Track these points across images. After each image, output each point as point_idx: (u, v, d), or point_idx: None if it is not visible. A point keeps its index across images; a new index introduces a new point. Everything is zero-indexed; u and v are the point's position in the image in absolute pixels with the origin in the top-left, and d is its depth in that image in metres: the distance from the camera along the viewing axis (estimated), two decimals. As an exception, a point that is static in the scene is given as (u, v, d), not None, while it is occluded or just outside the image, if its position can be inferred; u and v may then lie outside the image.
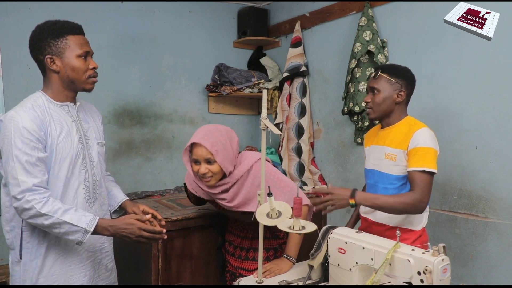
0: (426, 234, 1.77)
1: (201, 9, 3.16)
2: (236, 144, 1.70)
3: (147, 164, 2.97)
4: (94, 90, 1.56)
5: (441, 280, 1.12)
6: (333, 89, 2.77)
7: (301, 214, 1.31)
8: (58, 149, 1.44)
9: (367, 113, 1.77)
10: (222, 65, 3.14)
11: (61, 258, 1.49)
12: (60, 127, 1.46)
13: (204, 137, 1.61)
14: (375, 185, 1.77)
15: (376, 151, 1.77)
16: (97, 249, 1.60)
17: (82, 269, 1.54)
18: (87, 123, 1.60)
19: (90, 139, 1.58)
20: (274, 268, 1.64)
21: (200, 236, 2.28)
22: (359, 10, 2.52)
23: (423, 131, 1.62)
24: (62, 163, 1.45)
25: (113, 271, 1.72)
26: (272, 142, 3.23)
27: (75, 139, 1.50)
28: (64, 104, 1.52)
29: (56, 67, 1.46)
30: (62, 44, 1.45)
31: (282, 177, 1.75)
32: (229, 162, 1.64)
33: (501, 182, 1.90)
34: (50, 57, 1.45)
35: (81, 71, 1.48)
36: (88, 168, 1.55)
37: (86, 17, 2.65)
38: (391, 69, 1.71)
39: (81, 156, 1.52)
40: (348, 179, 2.70)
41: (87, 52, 1.51)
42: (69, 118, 1.51)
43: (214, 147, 1.59)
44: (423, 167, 1.57)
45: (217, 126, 1.70)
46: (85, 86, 1.52)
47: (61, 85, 1.49)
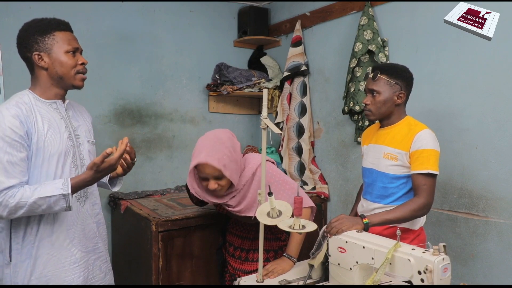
0: (424, 233, 1.78)
1: (201, 9, 3.16)
2: (239, 150, 1.67)
3: (148, 164, 2.97)
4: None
5: (441, 280, 1.13)
6: (334, 88, 2.77)
7: (301, 213, 1.31)
8: (46, 146, 1.41)
9: (366, 114, 1.76)
10: (223, 64, 3.13)
11: (53, 259, 1.45)
12: (48, 124, 1.43)
13: (210, 154, 1.54)
14: (372, 184, 1.77)
15: (374, 150, 1.77)
16: (90, 250, 1.57)
17: (76, 269, 1.50)
18: (77, 121, 1.57)
19: (81, 137, 1.55)
20: (276, 268, 1.64)
21: (200, 235, 2.28)
22: (360, 10, 2.52)
23: (425, 133, 1.62)
24: (50, 160, 1.42)
25: (107, 273, 1.67)
26: (273, 141, 3.23)
27: (64, 136, 1.47)
28: (53, 101, 1.49)
29: (45, 64, 1.44)
30: (49, 40, 1.43)
31: (286, 179, 1.74)
32: (237, 172, 1.62)
33: (501, 182, 1.90)
34: (38, 53, 1.43)
35: (70, 66, 1.46)
36: (79, 166, 1.52)
37: (86, 17, 2.65)
38: (390, 70, 1.69)
39: (71, 153, 1.49)
40: (349, 178, 2.70)
41: (76, 48, 1.48)
42: (58, 115, 1.48)
43: (221, 162, 1.54)
44: (427, 169, 1.58)
45: (218, 136, 1.63)
46: (74, 82, 1.49)
47: (50, 82, 1.47)
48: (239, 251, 1.90)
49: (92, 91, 2.63)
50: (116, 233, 2.70)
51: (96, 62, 2.67)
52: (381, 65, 1.76)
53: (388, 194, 1.72)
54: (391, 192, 1.71)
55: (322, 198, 2.83)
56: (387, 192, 1.72)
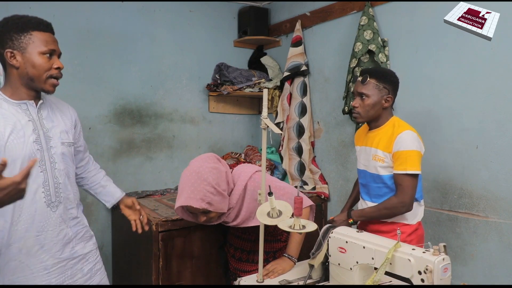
0: (422, 228, 1.83)
1: (201, 9, 3.16)
2: (224, 180, 1.62)
3: (148, 164, 2.97)
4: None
5: (441, 280, 1.13)
6: (334, 88, 2.77)
7: (301, 213, 1.31)
8: (7, 150, 1.34)
9: (354, 117, 1.81)
10: (223, 64, 3.13)
11: (21, 265, 1.41)
12: (11, 127, 1.37)
13: (191, 196, 1.52)
14: (367, 184, 1.83)
15: (365, 152, 1.83)
16: (66, 255, 1.51)
17: (46, 276, 1.45)
18: (51, 122, 1.49)
19: (53, 139, 1.48)
20: (277, 268, 1.64)
21: (200, 235, 2.28)
22: (360, 9, 2.52)
23: (405, 134, 1.67)
24: (13, 165, 1.34)
25: (94, 273, 1.62)
26: (273, 141, 3.23)
27: (29, 140, 1.40)
28: (22, 102, 1.42)
29: (16, 62, 1.38)
30: (25, 39, 1.37)
31: (280, 184, 1.74)
32: (224, 203, 1.61)
33: (501, 182, 1.90)
34: (10, 51, 1.37)
35: (42, 69, 1.39)
36: (48, 171, 1.45)
37: (86, 17, 2.65)
38: (379, 74, 1.75)
39: (38, 157, 1.41)
40: (349, 178, 2.70)
41: (53, 51, 1.41)
42: (25, 117, 1.41)
43: (204, 201, 1.53)
44: (405, 170, 1.65)
45: (201, 172, 1.55)
46: (44, 86, 1.42)
47: (19, 82, 1.40)
48: (239, 252, 1.90)
49: (92, 91, 2.64)
50: (116, 233, 2.70)
51: (96, 62, 2.67)
52: (370, 69, 1.81)
53: (383, 194, 1.77)
54: (384, 192, 1.76)
55: (322, 198, 2.83)
56: (381, 191, 1.77)
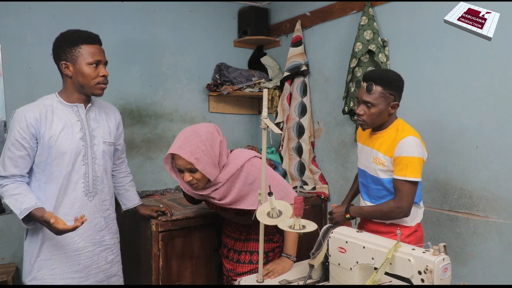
0: (422, 230, 1.81)
1: (201, 9, 3.16)
2: (217, 146, 1.64)
3: (148, 164, 2.97)
4: None
5: (441, 280, 1.13)
6: (334, 88, 2.77)
7: (301, 213, 1.31)
8: (58, 144, 1.61)
9: (359, 124, 1.76)
10: (223, 64, 3.13)
11: (58, 244, 1.64)
12: (62, 125, 1.63)
13: (182, 146, 1.55)
14: (367, 185, 1.82)
15: (366, 152, 1.81)
16: (96, 241, 1.73)
17: (77, 257, 1.68)
18: (96, 123, 1.74)
19: (97, 138, 1.73)
20: (277, 268, 1.63)
21: (200, 236, 2.28)
22: (360, 10, 2.52)
23: (408, 140, 1.63)
24: (61, 157, 1.62)
25: (114, 264, 1.82)
26: (273, 141, 3.23)
27: (76, 137, 1.66)
28: (74, 105, 1.69)
29: (69, 72, 1.63)
30: (76, 52, 1.62)
31: (275, 175, 1.73)
32: (212, 166, 1.60)
33: (501, 182, 1.90)
34: (64, 63, 1.63)
35: (90, 77, 1.64)
36: (89, 165, 1.70)
37: (86, 17, 2.65)
38: (384, 81, 1.65)
39: (82, 152, 1.67)
40: (349, 178, 2.70)
41: (99, 61, 1.66)
42: (75, 118, 1.67)
43: (193, 155, 1.54)
44: (405, 176, 1.62)
45: (197, 130, 1.62)
46: (94, 91, 1.68)
47: (72, 88, 1.67)
48: (232, 253, 1.89)
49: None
50: (116, 233, 2.70)
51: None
52: (374, 75, 1.68)
53: (382, 196, 1.76)
54: (384, 194, 1.75)
55: (322, 198, 2.83)
56: (380, 193, 1.76)
